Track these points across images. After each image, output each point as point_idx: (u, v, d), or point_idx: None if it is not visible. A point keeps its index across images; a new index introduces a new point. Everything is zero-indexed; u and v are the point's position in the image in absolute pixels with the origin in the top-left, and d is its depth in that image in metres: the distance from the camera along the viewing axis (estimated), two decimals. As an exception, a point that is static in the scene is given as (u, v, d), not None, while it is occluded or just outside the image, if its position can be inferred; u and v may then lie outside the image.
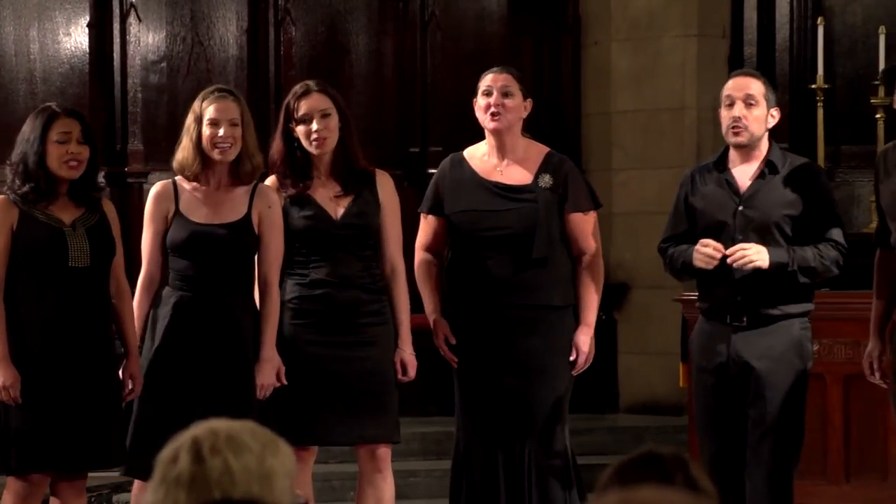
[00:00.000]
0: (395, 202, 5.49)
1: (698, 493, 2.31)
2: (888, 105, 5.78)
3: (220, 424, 2.24)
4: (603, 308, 5.86)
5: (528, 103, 5.53)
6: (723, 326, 5.29)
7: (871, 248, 5.44)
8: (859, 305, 5.70)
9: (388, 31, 8.85)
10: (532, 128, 5.74)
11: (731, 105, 5.29)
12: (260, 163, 5.38)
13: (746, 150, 5.33)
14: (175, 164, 5.37)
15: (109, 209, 5.26)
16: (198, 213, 5.31)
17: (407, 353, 5.45)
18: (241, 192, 5.35)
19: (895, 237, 5.21)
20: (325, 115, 5.38)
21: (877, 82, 7.80)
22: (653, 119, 8.66)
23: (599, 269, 5.56)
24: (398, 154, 8.78)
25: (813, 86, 8.36)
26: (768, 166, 5.33)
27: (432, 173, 5.86)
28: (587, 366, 5.55)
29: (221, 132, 5.28)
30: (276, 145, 5.46)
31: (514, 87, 5.48)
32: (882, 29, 8.12)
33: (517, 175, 5.50)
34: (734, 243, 5.24)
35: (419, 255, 5.64)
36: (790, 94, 8.63)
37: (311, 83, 5.49)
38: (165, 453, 2.25)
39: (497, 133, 5.49)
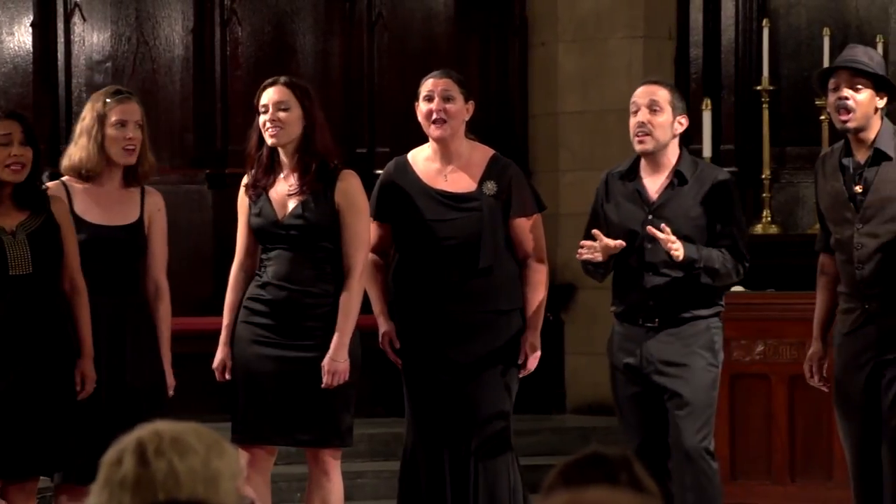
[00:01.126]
0: (356, 203, 5.37)
1: (643, 492, 2.32)
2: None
3: (165, 426, 2.22)
4: (549, 309, 5.88)
5: (470, 105, 5.53)
6: (636, 328, 5.42)
7: (813, 250, 5.49)
8: (804, 306, 5.75)
9: (335, 31, 8.83)
10: (479, 129, 5.73)
11: (637, 112, 5.40)
12: (154, 163, 5.40)
13: (655, 158, 5.44)
14: (68, 164, 5.35)
15: (58, 209, 5.21)
16: (93, 215, 5.30)
17: (331, 358, 5.29)
18: (133, 194, 5.37)
19: (835, 240, 5.27)
20: (282, 108, 5.36)
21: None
22: (599, 120, 8.69)
23: (545, 271, 5.58)
24: (345, 155, 8.73)
25: (758, 87, 8.41)
26: (677, 176, 5.43)
27: (380, 174, 5.85)
28: (534, 367, 5.57)
29: (130, 134, 5.27)
30: (251, 140, 5.46)
31: (455, 91, 5.48)
32: (826, 31, 8.18)
33: (462, 182, 5.50)
34: (644, 253, 5.38)
35: (364, 254, 5.63)
36: (735, 95, 8.68)
37: (281, 77, 5.49)
38: (109, 456, 2.23)
39: (441, 140, 5.49)
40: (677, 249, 5.25)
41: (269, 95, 5.38)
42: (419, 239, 5.48)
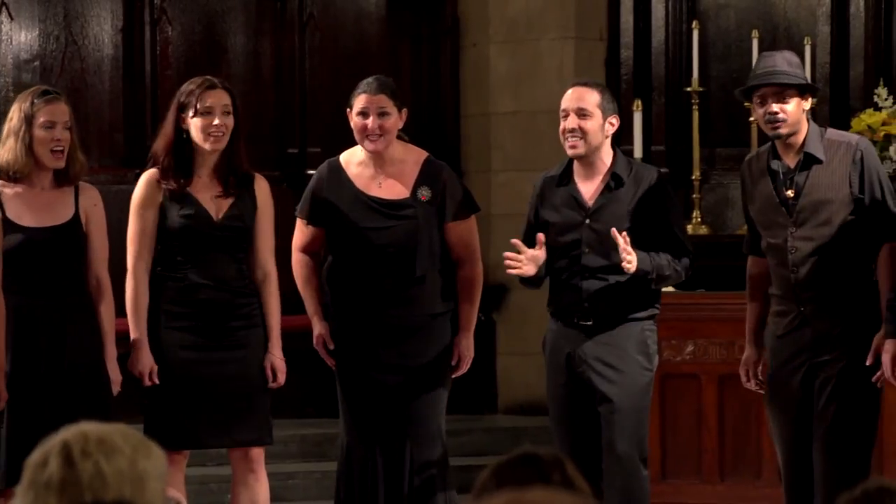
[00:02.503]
0: (271, 207, 5.49)
1: (575, 492, 2.33)
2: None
3: (90, 427, 2.20)
4: (482, 309, 5.88)
5: (404, 113, 5.53)
6: (570, 328, 5.43)
7: (743, 250, 5.52)
8: (734, 306, 5.78)
9: (266, 31, 8.80)
10: (412, 129, 5.72)
11: (566, 117, 5.43)
12: (84, 163, 5.35)
13: (588, 161, 5.46)
14: None
15: None
16: (27, 218, 5.24)
17: (277, 357, 5.43)
18: (66, 193, 5.31)
19: (767, 244, 5.29)
20: (226, 112, 5.36)
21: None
22: (531, 121, 8.71)
23: (479, 273, 5.60)
24: (277, 155, 8.73)
25: (688, 88, 8.45)
26: (613, 178, 5.44)
27: (311, 174, 5.84)
28: (467, 368, 5.58)
29: (58, 136, 5.22)
30: (166, 137, 5.40)
31: (390, 106, 5.46)
32: (755, 33, 8.24)
33: (396, 189, 5.49)
34: (581, 258, 5.40)
35: (297, 256, 5.62)
36: (666, 96, 8.73)
37: (213, 79, 5.47)
38: (34, 457, 2.21)
39: (376, 153, 5.48)
40: (630, 262, 5.25)
41: (215, 98, 5.36)
42: (355, 246, 5.47)
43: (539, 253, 5.36)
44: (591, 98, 5.43)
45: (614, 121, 5.48)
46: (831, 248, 5.16)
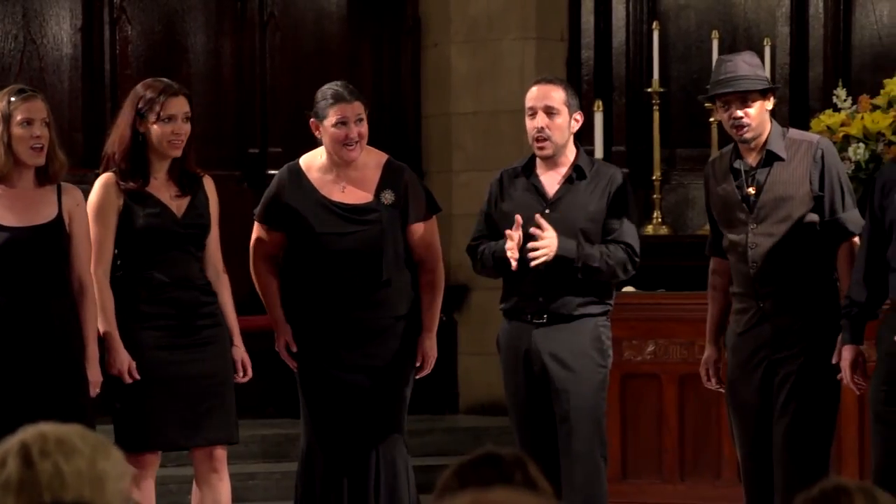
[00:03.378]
0: (218, 205, 5.50)
1: (537, 491, 2.33)
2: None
3: (49, 428, 2.19)
4: (443, 309, 5.89)
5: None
6: (524, 324, 5.43)
7: (703, 250, 5.55)
8: (694, 306, 5.79)
9: (227, 30, 8.78)
10: (373, 129, 5.72)
11: (534, 116, 5.42)
12: (64, 161, 5.31)
13: (553, 160, 5.46)
14: None
15: None
16: (8, 218, 5.21)
17: (243, 350, 5.46)
18: (48, 192, 5.28)
19: (728, 241, 5.32)
20: (186, 119, 5.36)
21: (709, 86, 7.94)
22: (492, 121, 8.72)
23: (440, 274, 5.61)
24: (237, 155, 8.71)
25: (648, 89, 8.48)
26: (576, 171, 5.47)
27: (272, 174, 5.82)
28: (431, 369, 5.58)
29: (37, 132, 5.20)
30: (122, 140, 5.37)
31: (363, 111, 5.47)
32: (715, 34, 8.28)
33: (358, 193, 5.49)
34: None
35: (256, 259, 5.60)
36: (626, 97, 8.76)
37: (173, 84, 5.44)
38: (-8, 458, 2.20)
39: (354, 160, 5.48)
40: (546, 256, 5.24)
41: (178, 105, 5.35)
42: (319, 251, 5.46)
43: (517, 234, 5.34)
44: (558, 95, 5.44)
45: (579, 117, 5.51)
46: (790, 245, 5.20)
